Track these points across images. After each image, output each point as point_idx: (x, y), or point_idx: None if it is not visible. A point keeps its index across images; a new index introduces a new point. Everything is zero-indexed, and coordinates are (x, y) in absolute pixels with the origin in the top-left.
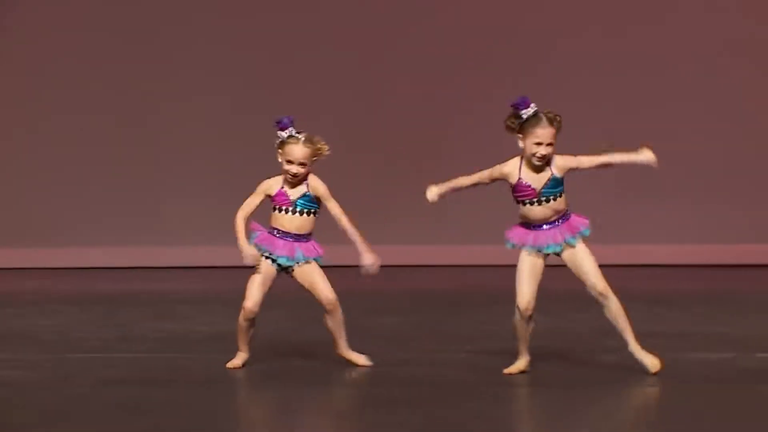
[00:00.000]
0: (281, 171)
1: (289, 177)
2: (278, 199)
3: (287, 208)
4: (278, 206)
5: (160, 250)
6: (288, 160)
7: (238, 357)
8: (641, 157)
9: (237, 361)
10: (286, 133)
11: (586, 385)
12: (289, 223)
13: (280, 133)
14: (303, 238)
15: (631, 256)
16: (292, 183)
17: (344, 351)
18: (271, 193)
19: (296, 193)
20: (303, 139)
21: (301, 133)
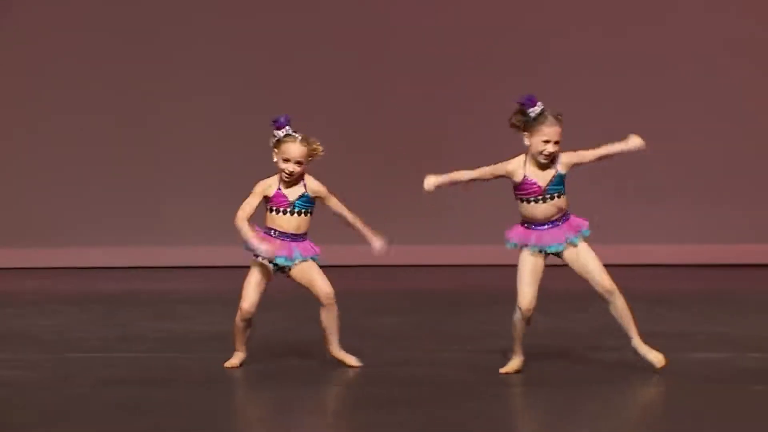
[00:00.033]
0: (277, 170)
1: (285, 176)
2: (276, 200)
3: (285, 209)
4: (275, 207)
5: (160, 250)
6: (285, 159)
7: (236, 357)
8: (630, 144)
9: (234, 361)
10: (283, 132)
11: (586, 385)
12: (287, 223)
13: (277, 132)
14: (300, 237)
15: (632, 256)
16: (289, 182)
17: (336, 350)
18: (268, 194)
19: (294, 194)
20: (300, 138)
21: (297, 133)
